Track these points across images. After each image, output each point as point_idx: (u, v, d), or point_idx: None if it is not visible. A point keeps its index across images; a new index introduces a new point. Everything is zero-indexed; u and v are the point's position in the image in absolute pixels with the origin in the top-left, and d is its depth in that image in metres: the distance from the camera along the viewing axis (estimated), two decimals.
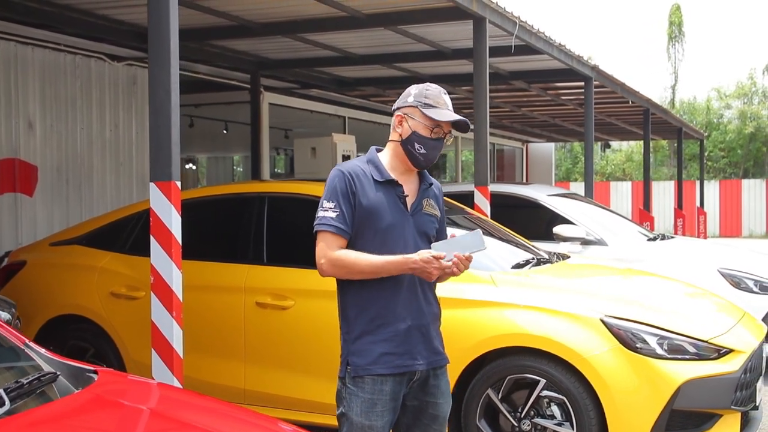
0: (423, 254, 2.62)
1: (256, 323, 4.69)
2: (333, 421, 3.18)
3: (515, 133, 20.42)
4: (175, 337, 3.57)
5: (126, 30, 7.69)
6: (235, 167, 23.42)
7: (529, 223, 7.51)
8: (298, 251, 4.72)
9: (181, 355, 3.65)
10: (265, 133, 11.32)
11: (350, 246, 2.74)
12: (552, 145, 23.63)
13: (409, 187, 2.82)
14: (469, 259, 2.64)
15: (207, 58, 9.36)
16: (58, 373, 2.04)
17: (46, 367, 2.11)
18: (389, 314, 2.72)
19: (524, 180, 22.14)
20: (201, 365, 4.81)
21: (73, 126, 8.31)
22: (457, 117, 2.75)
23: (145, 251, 3.94)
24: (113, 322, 5.05)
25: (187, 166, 22.57)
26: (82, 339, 5.19)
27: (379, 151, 2.89)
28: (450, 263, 2.61)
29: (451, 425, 4.25)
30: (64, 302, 5.26)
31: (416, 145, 2.76)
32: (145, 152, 8.99)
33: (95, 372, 2.16)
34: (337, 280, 2.81)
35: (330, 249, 2.68)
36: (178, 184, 3.62)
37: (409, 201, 2.81)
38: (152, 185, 3.63)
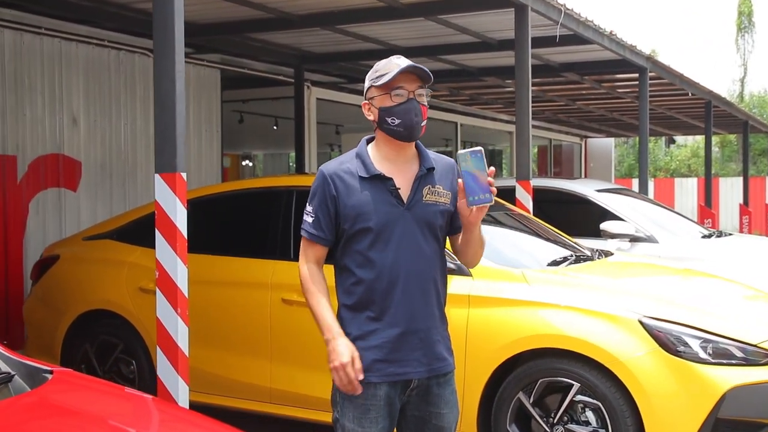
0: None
1: (282, 320, 4.58)
2: None
3: (572, 128, 19.95)
4: (180, 335, 3.44)
5: None
6: (291, 164, 23.53)
7: (577, 219, 7.24)
8: None
9: (187, 354, 3.52)
10: (313, 128, 11.22)
11: (345, 249, 2.57)
12: (612, 140, 23.00)
13: (404, 177, 2.58)
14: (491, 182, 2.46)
15: (250, 52, 9.30)
16: (13, 373, 1.94)
17: (4, 367, 2.00)
18: (381, 319, 2.53)
19: (583, 176, 21.60)
20: (226, 362, 4.73)
21: (117, 121, 8.33)
22: (405, 64, 2.51)
23: None
24: (141, 317, 4.99)
25: (243, 163, 22.77)
26: (113, 334, 5.16)
27: (372, 140, 2.68)
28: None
29: (481, 430, 4.06)
30: (94, 297, 5.24)
31: (388, 120, 2.56)
32: (190, 148, 8.99)
33: (51, 372, 2.05)
34: (335, 279, 2.65)
35: (306, 257, 2.61)
36: (184, 176, 3.49)
37: (404, 193, 2.56)
38: (157, 177, 3.50)
